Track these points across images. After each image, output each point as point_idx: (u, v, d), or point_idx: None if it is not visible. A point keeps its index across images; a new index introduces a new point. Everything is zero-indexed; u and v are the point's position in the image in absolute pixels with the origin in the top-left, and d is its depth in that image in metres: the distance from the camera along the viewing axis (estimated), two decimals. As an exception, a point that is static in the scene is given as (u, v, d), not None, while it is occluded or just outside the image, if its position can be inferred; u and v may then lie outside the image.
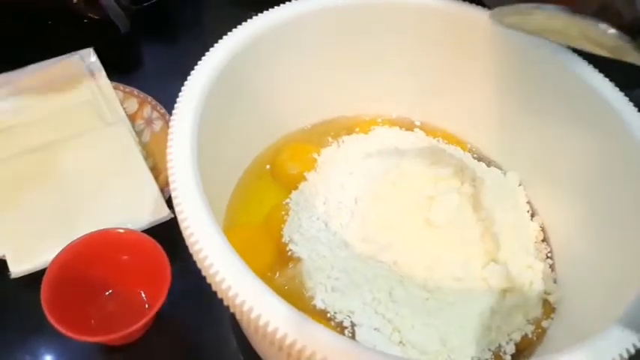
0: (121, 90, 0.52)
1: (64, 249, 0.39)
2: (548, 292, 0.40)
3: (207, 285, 0.29)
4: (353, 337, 0.35)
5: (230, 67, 0.38)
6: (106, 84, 0.52)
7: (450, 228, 0.38)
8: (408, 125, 0.48)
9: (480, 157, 0.47)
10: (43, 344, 0.40)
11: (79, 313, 0.38)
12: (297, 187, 0.42)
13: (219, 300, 0.28)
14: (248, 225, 0.41)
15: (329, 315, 0.36)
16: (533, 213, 0.44)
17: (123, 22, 0.56)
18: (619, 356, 0.27)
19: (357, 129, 0.47)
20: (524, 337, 0.37)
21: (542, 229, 0.43)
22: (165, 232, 0.41)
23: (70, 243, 0.39)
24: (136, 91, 0.52)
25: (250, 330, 0.30)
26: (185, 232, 0.29)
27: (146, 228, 0.43)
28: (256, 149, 0.45)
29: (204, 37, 0.40)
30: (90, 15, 0.55)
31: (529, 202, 0.44)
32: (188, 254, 0.30)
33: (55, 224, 0.43)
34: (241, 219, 0.41)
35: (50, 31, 0.51)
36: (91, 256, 0.39)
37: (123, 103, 0.51)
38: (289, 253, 0.39)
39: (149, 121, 0.51)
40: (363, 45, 0.45)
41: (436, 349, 0.35)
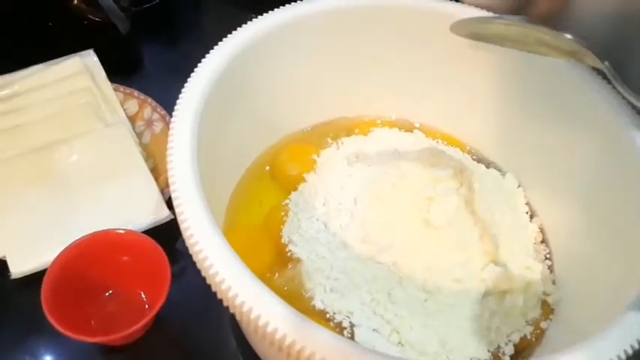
0: (122, 91, 0.52)
1: (64, 250, 0.39)
2: (547, 293, 0.40)
3: (207, 286, 0.29)
4: (352, 337, 0.35)
5: (230, 68, 0.38)
6: (107, 85, 0.52)
7: (449, 229, 0.38)
8: (407, 127, 0.49)
9: (480, 159, 0.47)
10: (43, 344, 0.41)
11: (79, 313, 0.39)
12: (296, 188, 0.42)
13: (219, 300, 0.28)
14: (248, 226, 0.41)
15: (328, 315, 0.36)
16: (532, 214, 0.44)
17: (123, 23, 0.56)
18: (617, 357, 0.27)
19: (357, 130, 0.47)
20: (523, 338, 0.38)
21: (541, 230, 0.43)
22: (166, 233, 0.42)
23: (71, 244, 0.39)
24: (137, 93, 0.52)
25: (250, 330, 0.30)
26: (185, 233, 0.30)
27: (146, 229, 0.43)
28: (256, 150, 0.45)
29: (204, 38, 0.40)
30: (90, 16, 0.55)
31: (528, 204, 0.45)
32: (188, 255, 0.30)
33: (56, 225, 0.43)
34: (241, 220, 0.41)
35: (50, 33, 0.52)
36: (92, 257, 0.40)
37: (123, 104, 0.52)
38: (289, 253, 0.39)
39: (149, 123, 0.51)
40: (362, 46, 0.45)
41: (435, 350, 0.35)
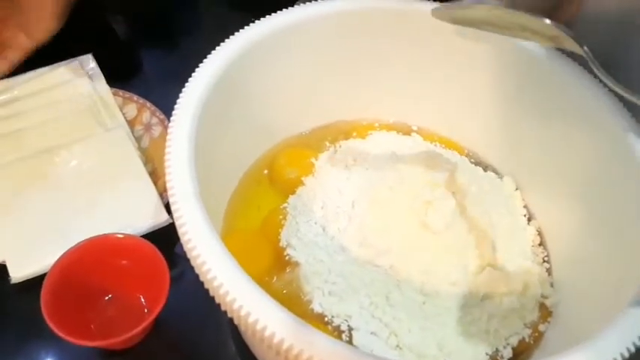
0: (120, 96, 0.53)
1: (63, 254, 0.39)
2: (545, 296, 0.40)
3: (206, 289, 0.29)
4: (350, 341, 0.35)
5: (228, 73, 0.38)
6: (106, 90, 0.52)
7: (447, 233, 0.38)
8: (405, 130, 0.49)
9: (477, 162, 0.47)
10: (42, 349, 0.41)
11: (78, 317, 0.39)
12: (294, 192, 0.42)
13: (217, 304, 0.29)
14: (246, 230, 0.41)
15: (326, 319, 0.36)
16: (529, 217, 0.44)
17: (121, 27, 0.56)
18: (614, 359, 0.28)
19: (355, 133, 0.47)
20: (521, 341, 0.38)
21: (539, 233, 0.43)
22: (164, 237, 0.42)
23: (70, 248, 0.39)
24: (135, 97, 0.52)
25: (248, 334, 0.30)
26: (183, 237, 0.30)
27: (145, 233, 0.43)
28: (254, 154, 0.45)
29: (203, 42, 0.40)
30: (89, 20, 0.55)
31: (526, 207, 0.45)
32: (186, 259, 0.30)
33: (55, 229, 0.43)
34: (239, 224, 0.41)
35: (50, 38, 0.52)
36: (91, 261, 0.40)
37: (122, 108, 0.52)
38: (287, 257, 0.39)
39: (148, 127, 0.51)
40: (360, 50, 0.45)
41: (433, 353, 0.35)
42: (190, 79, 0.37)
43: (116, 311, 0.41)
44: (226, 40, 0.39)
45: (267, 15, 0.41)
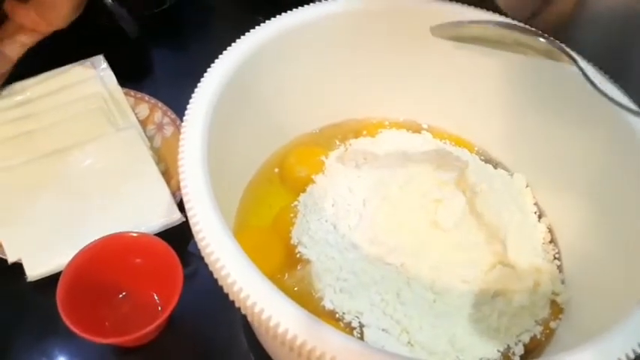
0: (132, 96, 0.53)
1: (78, 253, 0.40)
2: (556, 293, 0.40)
3: (219, 287, 0.29)
4: (361, 337, 0.35)
5: (239, 72, 0.38)
6: (117, 90, 0.53)
7: (457, 230, 0.38)
8: (415, 128, 0.49)
9: (487, 159, 0.47)
10: (58, 345, 0.41)
11: (93, 315, 0.39)
12: (305, 190, 0.43)
13: (230, 302, 0.29)
14: (258, 227, 0.42)
15: (337, 316, 0.36)
16: (540, 214, 0.44)
17: (132, 28, 0.56)
18: (625, 356, 0.28)
19: (365, 132, 0.48)
20: (532, 338, 0.38)
21: (550, 230, 0.43)
22: (177, 235, 0.42)
23: (85, 247, 0.40)
24: (147, 97, 0.53)
25: (261, 331, 0.30)
26: (197, 235, 0.30)
27: (158, 231, 0.44)
28: (265, 153, 0.45)
29: (214, 42, 0.41)
30: (99, 21, 0.56)
31: (536, 204, 0.45)
32: (200, 257, 0.30)
33: (70, 228, 0.44)
34: (251, 222, 0.42)
35: (60, 39, 0.52)
36: (105, 260, 0.40)
37: (134, 108, 0.52)
38: (298, 255, 0.39)
39: (160, 127, 0.52)
40: (370, 48, 0.45)
41: (444, 349, 0.35)
42: (202, 79, 0.37)
43: (130, 309, 0.41)
44: (237, 41, 0.40)
45: (276, 15, 0.41)
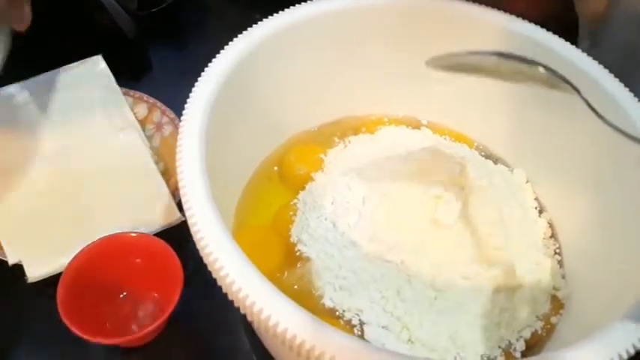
0: (131, 95, 0.53)
1: (78, 253, 0.40)
2: (556, 288, 0.40)
3: (219, 286, 0.29)
4: (362, 335, 0.35)
5: (237, 71, 0.38)
6: (116, 90, 0.53)
7: (457, 227, 0.38)
8: (414, 124, 0.49)
9: (487, 155, 0.47)
10: (59, 346, 0.41)
11: (93, 315, 0.39)
12: (304, 188, 0.43)
13: (231, 301, 0.29)
14: (257, 226, 0.42)
15: (337, 313, 0.36)
16: (541, 209, 0.44)
17: (129, 27, 0.56)
18: (625, 351, 0.28)
19: (364, 129, 0.48)
20: (533, 334, 0.38)
21: (551, 225, 0.43)
22: (177, 235, 0.42)
23: (85, 247, 0.40)
24: (146, 97, 0.53)
25: (262, 331, 0.30)
26: (195, 236, 0.30)
27: (158, 231, 0.44)
28: (264, 151, 0.45)
29: (212, 41, 0.41)
30: (97, 21, 0.56)
31: (537, 199, 0.45)
32: (199, 256, 0.30)
33: (69, 229, 0.44)
34: (250, 220, 0.42)
35: (59, 39, 0.52)
36: (105, 260, 0.40)
37: (133, 108, 0.52)
38: (298, 253, 0.39)
39: (159, 126, 0.52)
40: (368, 45, 0.45)
41: (445, 346, 0.35)
42: (200, 77, 0.37)
43: (131, 309, 0.41)
44: (234, 39, 0.40)
45: (274, 13, 0.41)
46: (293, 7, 0.42)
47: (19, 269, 0.42)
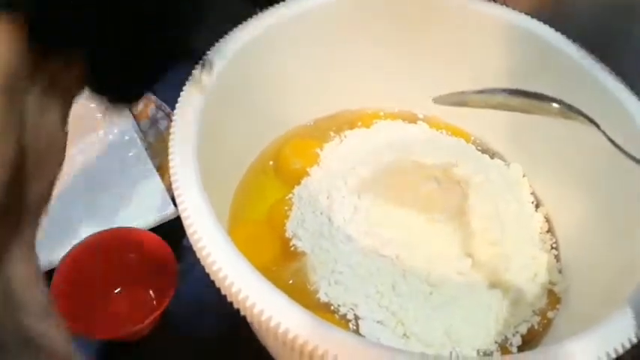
0: (126, 90, 0.53)
1: (72, 248, 0.39)
2: (553, 283, 0.40)
3: (213, 281, 0.29)
4: (357, 330, 0.35)
5: (231, 64, 0.38)
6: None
7: (453, 222, 0.38)
8: (410, 118, 0.48)
9: (484, 149, 0.47)
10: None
11: (88, 311, 0.39)
12: (300, 183, 0.42)
13: (224, 296, 0.29)
14: (252, 220, 0.41)
15: (332, 308, 0.36)
16: (537, 204, 0.44)
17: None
18: (621, 345, 0.27)
19: (360, 123, 0.47)
20: (530, 329, 0.37)
21: (547, 219, 0.43)
22: (172, 230, 0.42)
23: (78, 243, 0.40)
24: (141, 91, 0.53)
25: (255, 326, 0.30)
26: (189, 231, 0.30)
27: (153, 226, 0.43)
28: (259, 145, 0.45)
29: (207, 34, 0.40)
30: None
31: (533, 193, 0.44)
32: (194, 251, 0.30)
33: (63, 224, 0.44)
34: (245, 215, 0.41)
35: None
36: (99, 255, 0.40)
37: (128, 103, 0.52)
38: (293, 247, 0.39)
39: (154, 121, 0.51)
40: (363, 38, 0.45)
41: (441, 341, 0.35)
42: (194, 70, 0.37)
43: (125, 304, 0.41)
44: (230, 33, 0.39)
45: (270, 7, 0.41)
46: (289, 0, 0.41)
47: (12, 264, 0.42)
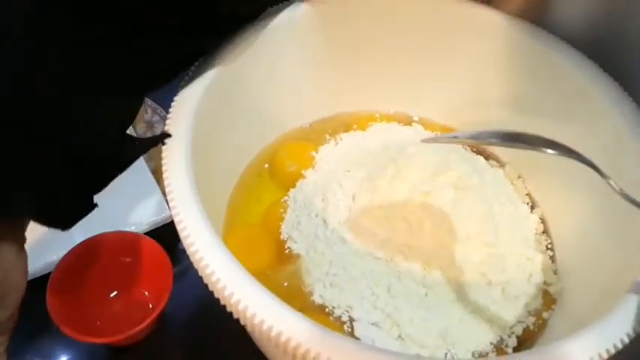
0: (122, 94, 0.53)
1: (68, 252, 0.39)
2: (548, 284, 0.40)
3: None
4: (352, 332, 0.35)
5: (227, 67, 0.38)
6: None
7: (447, 223, 0.38)
8: (405, 120, 0.49)
9: (479, 151, 0.47)
10: (50, 346, 0.41)
11: (84, 314, 0.39)
12: (295, 185, 0.43)
13: (217, 299, 0.29)
14: (247, 223, 0.41)
15: (327, 310, 0.36)
16: (533, 205, 0.44)
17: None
18: (613, 346, 0.27)
19: (355, 126, 0.47)
20: (525, 329, 0.37)
21: (542, 220, 0.43)
22: (167, 233, 0.42)
23: (74, 246, 0.40)
24: (137, 95, 0.53)
25: (248, 328, 0.30)
26: (182, 235, 0.30)
27: (148, 230, 0.44)
28: (255, 148, 0.45)
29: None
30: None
31: (529, 194, 0.44)
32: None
33: (59, 228, 0.44)
34: (241, 217, 0.41)
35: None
36: (95, 259, 0.40)
37: (124, 107, 0.52)
38: (288, 250, 0.39)
39: (150, 125, 0.51)
40: (358, 41, 0.45)
41: (436, 343, 0.35)
42: (189, 73, 0.37)
43: (121, 308, 0.41)
44: (226, 36, 0.39)
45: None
46: (285, 5, 0.42)
47: (9, 269, 0.42)
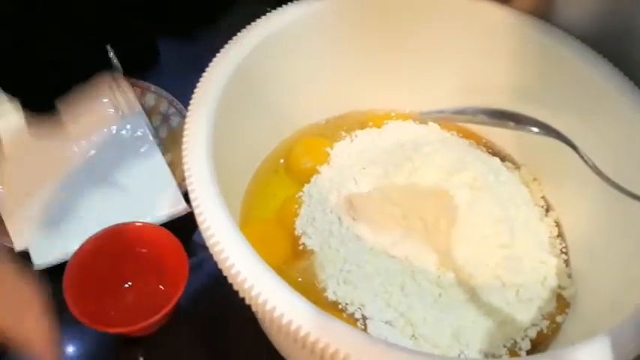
0: (138, 86, 0.53)
1: (84, 242, 0.40)
2: (562, 287, 0.40)
3: (224, 277, 0.29)
4: (365, 329, 0.35)
5: (245, 63, 0.38)
6: (123, 81, 0.53)
7: (463, 223, 0.38)
8: (421, 119, 0.48)
9: (494, 152, 0.47)
10: (64, 335, 0.41)
11: (99, 304, 0.39)
12: (310, 181, 0.43)
13: (236, 292, 0.29)
14: (262, 218, 0.41)
15: (340, 307, 0.36)
16: (548, 208, 0.44)
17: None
18: (630, 352, 0.27)
19: (371, 123, 0.47)
20: (539, 333, 0.37)
21: (557, 224, 0.43)
22: (183, 226, 0.42)
23: (91, 237, 0.40)
24: (153, 87, 0.53)
25: (267, 323, 0.30)
26: (202, 226, 0.30)
27: (164, 222, 0.44)
28: (271, 144, 0.45)
29: (220, 32, 0.41)
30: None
31: (543, 197, 0.44)
32: (205, 247, 0.30)
33: (76, 218, 0.44)
34: (256, 212, 0.42)
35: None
36: (111, 250, 0.40)
37: (140, 99, 0.52)
38: (302, 245, 0.39)
39: (166, 117, 0.52)
40: (375, 39, 0.45)
41: (449, 343, 0.35)
42: (207, 68, 0.37)
43: (136, 299, 0.42)
44: (243, 31, 0.39)
45: (283, 6, 0.41)
46: (302, 2, 0.42)
47: (25, 256, 0.42)
